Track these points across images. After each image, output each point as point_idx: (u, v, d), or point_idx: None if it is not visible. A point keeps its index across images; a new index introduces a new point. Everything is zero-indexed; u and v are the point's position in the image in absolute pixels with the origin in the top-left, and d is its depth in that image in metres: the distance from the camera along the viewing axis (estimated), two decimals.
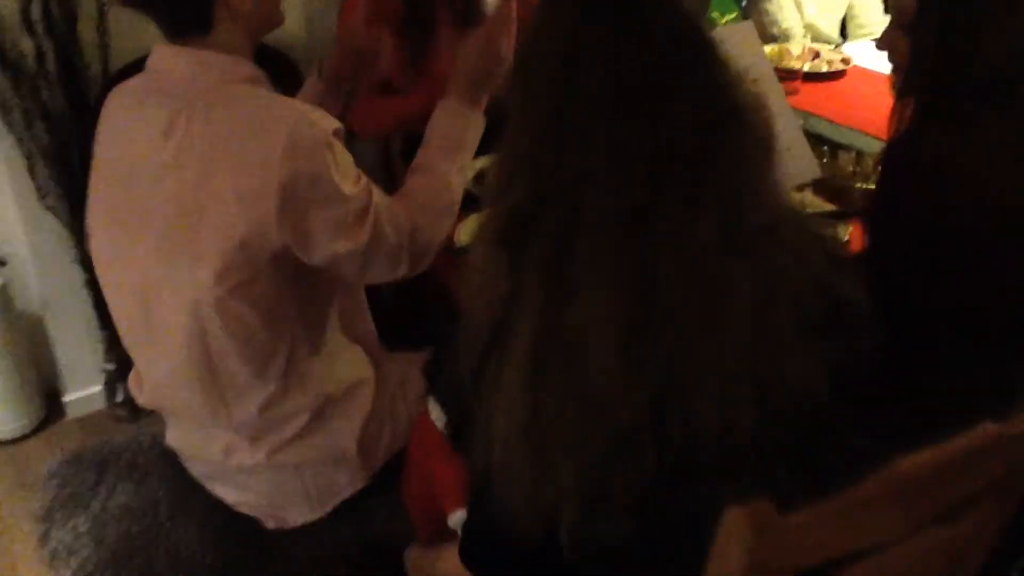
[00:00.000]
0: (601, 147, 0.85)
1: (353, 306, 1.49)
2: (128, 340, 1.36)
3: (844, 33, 2.99)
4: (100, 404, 2.57)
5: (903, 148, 1.23)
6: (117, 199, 1.27)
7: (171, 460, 1.50)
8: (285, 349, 1.27)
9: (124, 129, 1.26)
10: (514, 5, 1.38)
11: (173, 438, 1.46)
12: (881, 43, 1.40)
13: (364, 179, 1.24)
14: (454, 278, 1.54)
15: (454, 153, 1.39)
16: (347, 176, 1.20)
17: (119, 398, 2.53)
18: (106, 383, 2.54)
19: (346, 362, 1.41)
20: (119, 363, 2.45)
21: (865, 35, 2.86)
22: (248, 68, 1.25)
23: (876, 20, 2.84)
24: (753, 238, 0.85)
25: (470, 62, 1.39)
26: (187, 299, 1.21)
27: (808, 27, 2.79)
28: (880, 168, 1.28)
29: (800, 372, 0.86)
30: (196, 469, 1.45)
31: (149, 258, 1.23)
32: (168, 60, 1.24)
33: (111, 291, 1.34)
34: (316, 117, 1.19)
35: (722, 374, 0.84)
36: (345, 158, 1.21)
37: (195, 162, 1.16)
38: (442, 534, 1.27)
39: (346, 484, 1.41)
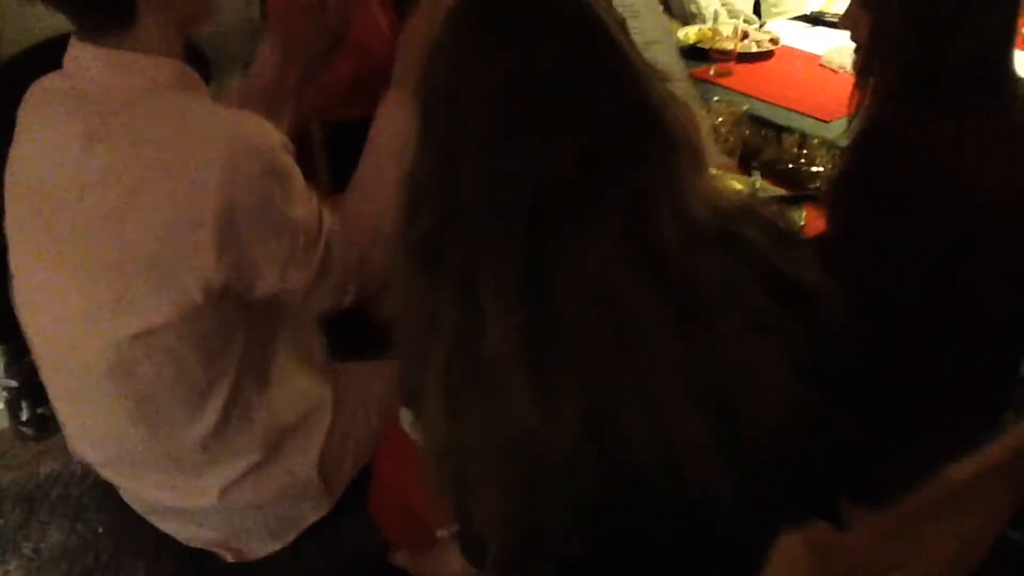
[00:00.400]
0: (488, 172, 0.81)
1: (301, 325, 1.34)
2: (52, 384, 1.23)
3: (758, 12, 3.01)
4: (3, 423, 2.37)
5: (880, 135, 1.20)
6: (32, 215, 1.11)
7: (108, 491, 1.36)
8: (226, 384, 1.15)
9: (41, 138, 1.10)
10: None
11: (112, 477, 1.32)
12: (844, 20, 1.38)
13: (314, 200, 1.12)
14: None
15: (396, 167, 1.26)
16: (296, 201, 1.08)
17: (24, 416, 2.34)
18: (8, 401, 2.34)
19: (299, 388, 1.28)
20: (22, 379, 2.25)
21: (779, 14, 2.88)
22: (177, 71, 1.08)
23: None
24: (661, 249, 0.79)
25: (414, 50, 1.26)
26: (110, 335, 1.07)
27: (724, 5, 2.79)
28: (851, 153, 1.25)
29: (755, 370, 0.81)
30: (139, 505, 1.32)
31: (67, 285, 1.08)
32: (85, 60, 1.07)
33: (29, 320, 1.19)
34: (258, 135, 1.05)
35: (646, 394, 0.79)
36: (294, 179, 1.08)
37: (119, 186, 1.01)
38: (424, 539, 1.23)
39: (310, 512, 1.31)
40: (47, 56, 1.14)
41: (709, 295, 0.79)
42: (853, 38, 1.34)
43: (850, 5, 1.36)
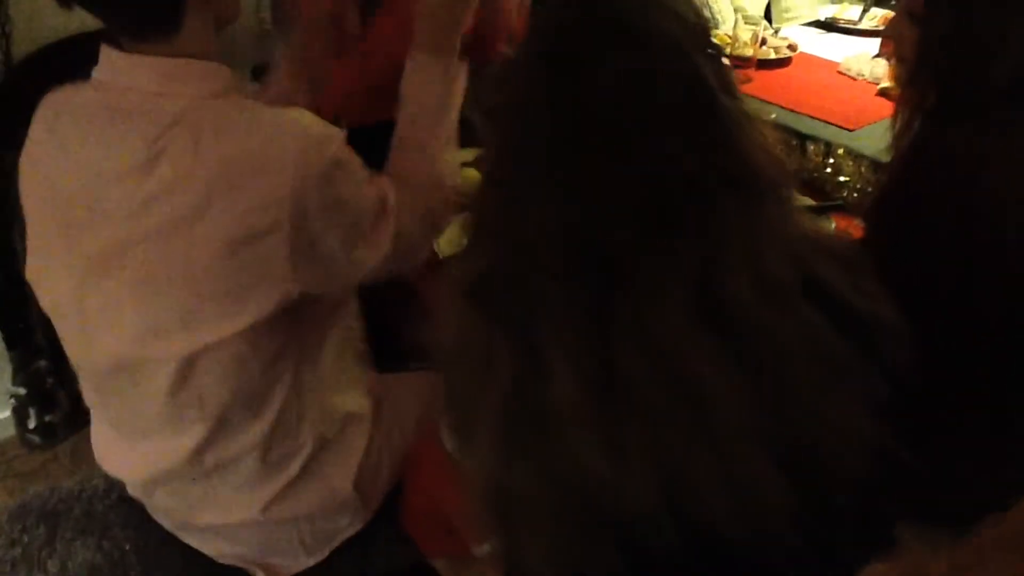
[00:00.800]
0: (551, 218, 0.77)
1: (350, 332, 1.35)
2: (98, 405, 1.21)
3: (768, 18, 2.99)
4: (10, 431, 2.33)
5: (926, 150, 1.18)
6: (71, 230, 1.07)
7: (133, 507, 1.34)
8: (284, 387, 1.13)
9: (84, 157, 1.04)
10: None
11: (142, 496, 1.29)
12: (888, 30, 1.36)
13: (374, 177, 1.11)
14: (430, 286, 1.45)
15: (437, 119, 1.23)
16: (361, 184, 1.07)
17: (32, 424, 2.30)
18: (15, 408, 2.30)
19: (343, 394, 1.27)
20: (30, 386, 2.22)
21: (791, 19, 2.86)
22: (225, 76, 1.05)
23: (801, 4, 2.85)
24: (735, 311, 0.75)
25: (431, 3, 1.23)
26: (178, 349, 1.04)
27: (737, 11, 2.77)
28: (900, 172, 1.22)
29: (833, 420, 0.78)
30: (170, 522, 1.30)
31: (122, 301, 1.05)
32: (127, 72, 1.02)
33: (72, 337, 1.15)
34: (319, 133, 1.02)
35: (721, 455, 0.75)
36: (354, 163, 1.06)
37: (184, 199, 0.98)
38: (460, 550, 1.20)
39: (346, 526, 1.29)
40: (59, 58, 1.11)
41: (784, 351, 0.75)
42: (897, 51, 1.31)
43: (894, 17, 1.33)
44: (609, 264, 0.75)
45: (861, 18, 2.65)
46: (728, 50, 2.27)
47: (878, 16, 2.61)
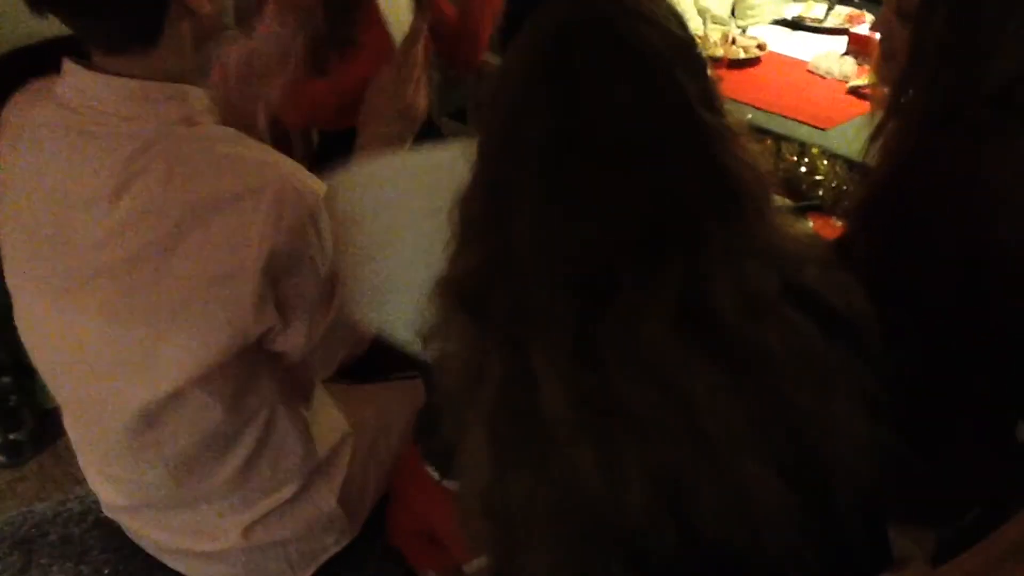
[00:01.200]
0: (538, 228, 0.76)
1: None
2: (73, 429, 1.18)
3: (733, 16, 3.01)
4: None
5: (922, 153, 1.16)
6: (46, 263, 1.01)
7: (112, 529, 1.30)
8: (255, 427, 1.10)
9: (47, 182, 0.99)
10: (419, 49, 1.25)
11: (126, 521, 1.26)
12: (878, 25, 1.34)
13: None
14: None
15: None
16: (325, 241, 1.02)
17: None
18: None
19: (329, 420, 1.24)
20: None
21: (754, 17, 2.88)
22: (198, 99, 0.99)
23: (765, 3, 2.87)
24: (719, 324, 0.75)
25: (378, 108, 1.24)
26: (141, 395, 1.01)
27: (702, 12, 2.78)
28: (889, 170, 1.21)
29: (827, 421, 0.77)
30: (152, 546, 1.26)
31: (89, 338, 1.01)
32: (94, 93, 0.96)
33: (43, 358, 1.11)
34: (300, 184, 0.97)
35: (718, 464, 0.75)
36: (326, 228, 1.02)
37: (152, 235, 0.93)
38: (448, 562, 1.20)
39: (332, 544, 1.26)
40: (29, 63, 1.06)
41: (772, 359, 0.75)
42: (884, 49, 1.28)
43: (882, 15, 1.29)
44: (594, 276, 0.75)
45: (826, 16, 2.67)
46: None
47: (843, 14, 2.64)
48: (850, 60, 2.27)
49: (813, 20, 2.66)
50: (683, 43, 0.79)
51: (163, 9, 0.94)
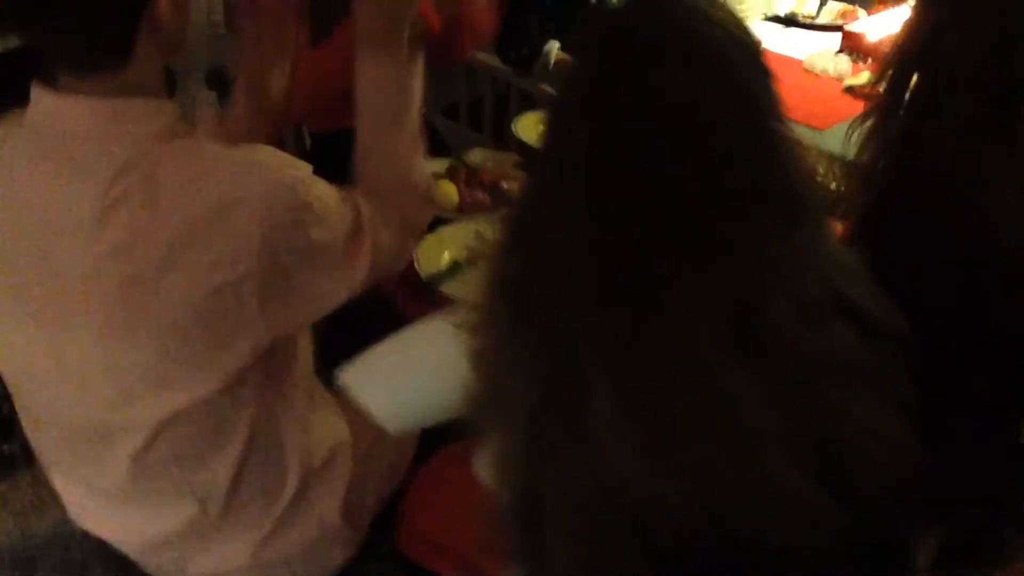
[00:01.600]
0: (591, 229, 0.76)
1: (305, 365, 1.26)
2: (55, 463, 1.18)
3: None
4: None
5: (924, 155, 1.16)
6: (33, 293, 1.00)
7: (114, 550, 1.28)
8: (247, 417, 1.08)
9: (24, 212, 0.97)
10: None
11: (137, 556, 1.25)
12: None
13: (342, 199, 1.06)
14: (414, 311, 1.41)
15: (397, 120, 1.17)
16: (330, 217, 1.02)
17: None
18: None
19: (322, 424, 1.23)
20: None
21: (744, 13, 2.86)
22: (168, 113, 0.98)
23: None
24: (771, 337, 0.76)
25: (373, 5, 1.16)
26: (148, 414, 1.01)
27: None
28: (884, 172, 1.21)
29: (864, 427, 0.79)
30: (157, 572, 1.25)
31: (93, 368, 1.00)
32: (63, 117, 0.94)
33: (20, 387, 1.11)
34: (285, 177, 0.97)
35: (755, 467, 0.75)
36: (324, 202, 1.01)
37: (144, 259, 0.93)
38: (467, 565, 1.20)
39: (338, 556, 1.26)
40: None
41: (822, 368, 0.76)
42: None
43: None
44: (646, 282, 0.75)
45: (819, 12, 2.66)
46: None
47: (835, 10, 2.63)
48: (845, 58, 2.26)
49: (806, 16, 2.64)
50: (748, 44, 0.79)
51: (134, 25, 0.93)
